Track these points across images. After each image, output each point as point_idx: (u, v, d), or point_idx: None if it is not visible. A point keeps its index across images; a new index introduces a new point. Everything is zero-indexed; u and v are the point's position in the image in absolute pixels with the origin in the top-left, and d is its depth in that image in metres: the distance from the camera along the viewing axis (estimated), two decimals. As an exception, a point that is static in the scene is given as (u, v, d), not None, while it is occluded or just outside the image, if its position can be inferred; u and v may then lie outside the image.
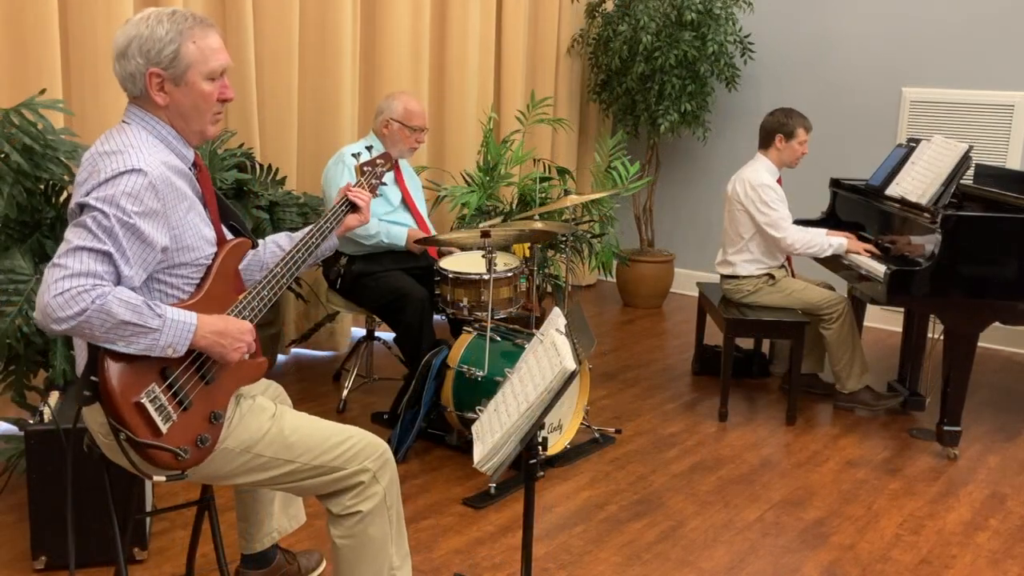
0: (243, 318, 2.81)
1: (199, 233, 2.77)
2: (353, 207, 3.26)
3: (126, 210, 2.55)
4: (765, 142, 5.85)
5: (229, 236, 2.99)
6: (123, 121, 2.79)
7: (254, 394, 3.03)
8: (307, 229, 3.12)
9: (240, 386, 2.91)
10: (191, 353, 2.69)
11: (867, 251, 5.56)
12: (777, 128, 5.79)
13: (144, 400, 2.58)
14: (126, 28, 2.73)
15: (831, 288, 5.92)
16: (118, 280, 2.55)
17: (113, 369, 2.57)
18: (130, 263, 2.57)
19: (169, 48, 2.69)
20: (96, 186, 2.57)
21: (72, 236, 2.54)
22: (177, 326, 2.59)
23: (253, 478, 2.94)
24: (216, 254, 2.86)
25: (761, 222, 5.67)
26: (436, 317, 5.30)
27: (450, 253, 5.46)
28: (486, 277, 4.89)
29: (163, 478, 2.71)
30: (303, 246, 3.03)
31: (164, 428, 2.62)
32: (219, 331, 2.69)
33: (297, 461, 2.93)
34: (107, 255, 2.52)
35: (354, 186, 3.35)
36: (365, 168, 3.47)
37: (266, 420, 2.93)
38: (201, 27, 2.76)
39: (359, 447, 3.00)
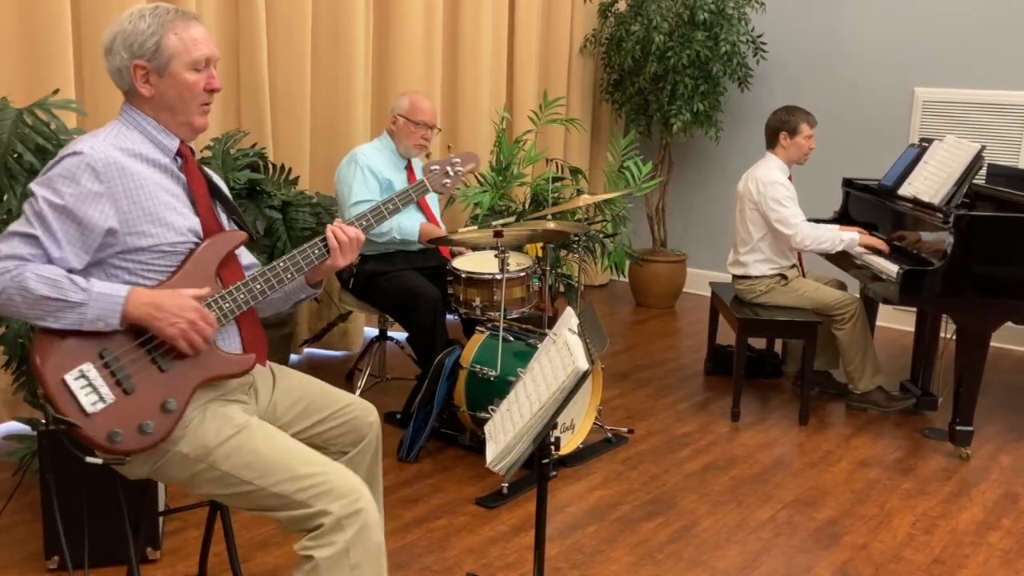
0: (211, 311, 2.75)
1: (160, 219, 2.75)
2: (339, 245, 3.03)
3: (59, 192, 2.61)
4: (771, 141, 5.86)
5: (231, 228, 2.98)
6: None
7: (244, 402, 2.95)
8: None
9: (207, 378, 2.79)
10: (140, 335, 2.68)
11: (880, 244, 5.56)
12: (781, 126, 5.80)
13: (69, 379, 2.59)
14: (111, 25, 2.80)
15: (843, 288, 5.92)
16: (48, 262, 2.60)
17: (43, 345, 2.60)
18: (60, 245, 2.61)
19: (151, 40, 2.74)
20: (41, 174, 2.67)
21: (12, 223, 2.63)
22: (104, 299, 2.59)
23: (214, 491, 2.80)
24: (197, 244, 2.84)
25: (772, 219, 5.67)
26: (449, 317, 5.30)
27: (461, 253, 5.47)
28: (499, 277, 4.89)
29: (99, 461, 2.69)
30: (289, 261, 2.94)
31: (92, 409, 2.59)
32: (154, 304, 2.64)
33: (254, 483, 2.71)
34: (33, 238, 2.59)
35: (414, 191, 3.25)
36: (434, 167, 3.32)
37: (227, 429, 2.77)
38: (183, 20, 2.80)
39: (327, 487, 2.69)
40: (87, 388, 2.60)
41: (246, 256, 3.17)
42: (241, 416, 2.82)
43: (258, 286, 2.86)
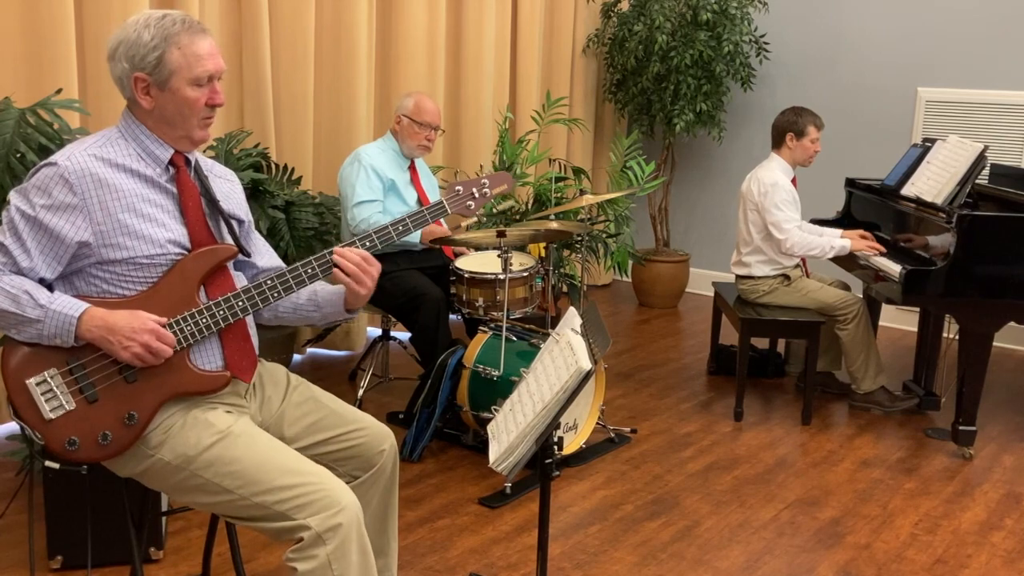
0: (174, 333, 2.70)
1: (136, 232, 2.70)
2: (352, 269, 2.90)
3: (32, 203, 2.62)
4: (777, 142, 5.86)
5: (228, 241, 2.92)
6: None
7: (224, 405, 2.85)
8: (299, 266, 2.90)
9: (175, 393, 2.73)
10: None
11: (871, 248, 5.56)
12: (788, 127, 5.79)
13: (31, 383, 2.60)
14: (117, 31, 2.75)
15: (846, 288, 5.91)
16: (18, 271, 2.62)
17: (12, 348, 2.63)
18: (30, 255, 2.62)
19: (153, 54, 2.69)
20: (23, 181, 2.68)
21: None
22: (60, 318, 2.58)
23: (199, 499, 2.74)
24: (182, 256, 2.78)
25: (768, 221, 5.67)
26: (452, 317, 5.30)
27: (464, 253, 5.47)
28: (502, 277, 4.90)
29: (56, 466, 2.70)
30: (277, 279, 2.83)
31: (50, 415, 2.60)
32: (107, 326, 2.61)
33: (235, 492, 2.67)
34: (3, 246, 2.63)
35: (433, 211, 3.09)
36: (458, 188, 3.16)
37: (208, 437, 2.71)
38: (188, 33, 2.73)
39: (310, 498, 2.63)
40: (49, 394, 2.61)
41: (265, 259, 3.14)
42: (223, 422, 2.76)
43: (240, 303, 2.79)
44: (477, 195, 3.16)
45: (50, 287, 2.68)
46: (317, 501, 2.63)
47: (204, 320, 2.74)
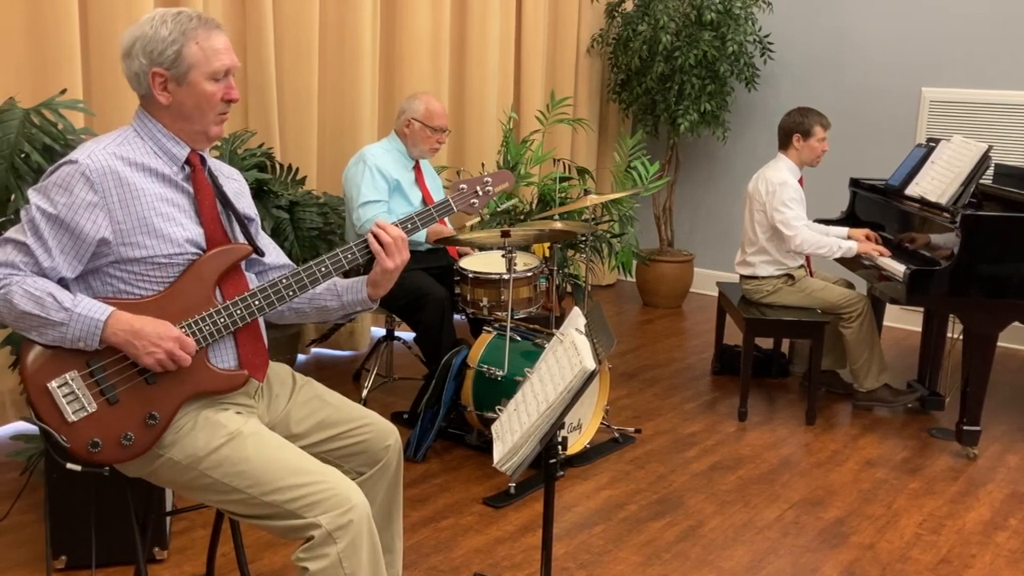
0: (191, 334, 2.70)
1: (155, 231, 2.70)
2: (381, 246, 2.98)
3: (53, 201, 2.60)
4: (784, 143, 5.85)
5: (240, 240, 2.92)
6: None
7: (234, 406, 2.86)
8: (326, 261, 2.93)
9: (195, 393, 2.74)
10: None
11: (878, 251, 5.56)
12: (794, 128, 5.78)
13: (53, 386, 2.59)
14: (131, 28, 2.76)
15: (851, 287, 5.91)
16: (40, 271, 2.60)
17: (32, 350, 2.61)
18: (51, 254, 2.60)
19: (172, 49, 2.70)
20: (40, 180, 2.66)
21: (11, 228, 2.63)
22: (85, 321, 2.57)
23: (209, 497, 2.76)
24: (197, 256, 2.78)
25: (776, 220, 5.66)
26: (456, 317, 5.30)
27: (468, 253, 5.47)
28: (506, 277, 4.90)
29: (78, 468, 2.69)
30: (292, 278, 2.85)
31: (73, 418, 2.59)
32: (133, 331, 2.61)
33: (244, 492, 2.67)
34: (24, 246, 2.60)
35: (436, 209, 3.10)
36: (462, 186, 3.17)
37: (218, 438, 2.71)
38: (205, 28, 2.77)
39: (320, 497, 2.63)
40: (70, 396, 2.60)
41: (272, 257, 3.13)
42: (234, 423, 2.76)
43: (257, 302, 2.79)
44: (481, 193, 3.18)
45: (66, 287, 2.66)
46: (327, 500, 2.63)
47: (222, 320, 2.75)
